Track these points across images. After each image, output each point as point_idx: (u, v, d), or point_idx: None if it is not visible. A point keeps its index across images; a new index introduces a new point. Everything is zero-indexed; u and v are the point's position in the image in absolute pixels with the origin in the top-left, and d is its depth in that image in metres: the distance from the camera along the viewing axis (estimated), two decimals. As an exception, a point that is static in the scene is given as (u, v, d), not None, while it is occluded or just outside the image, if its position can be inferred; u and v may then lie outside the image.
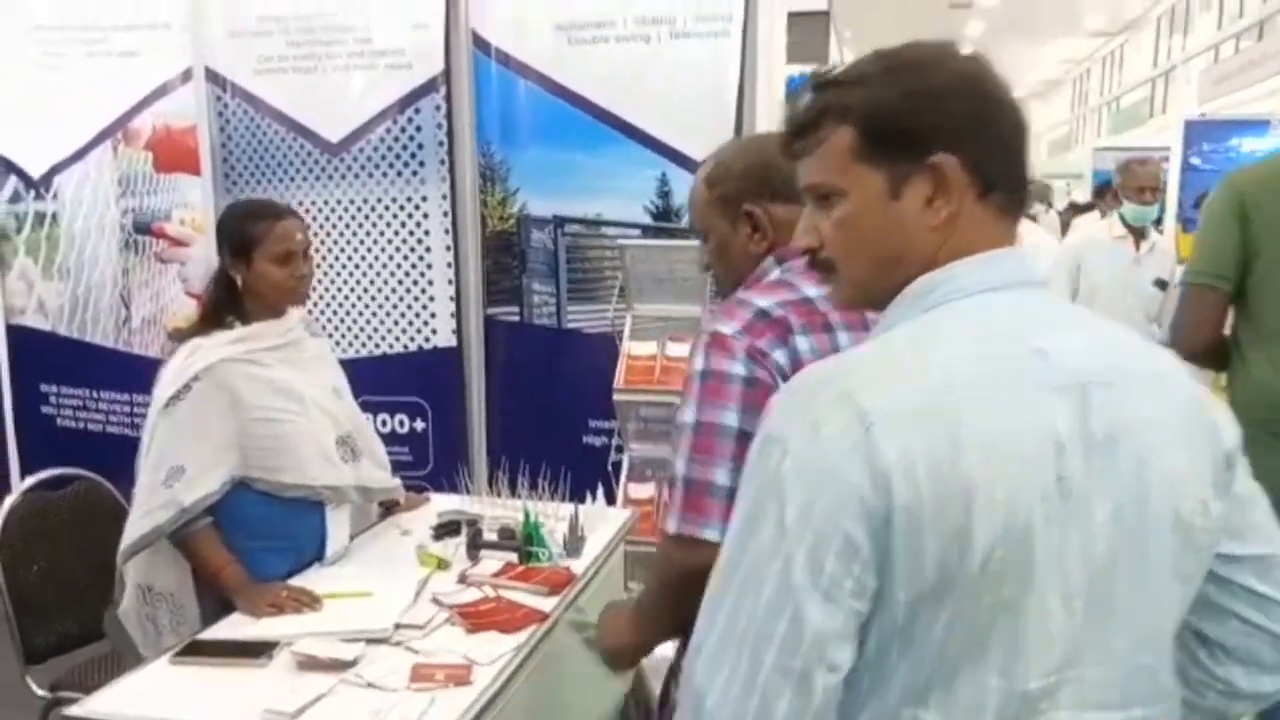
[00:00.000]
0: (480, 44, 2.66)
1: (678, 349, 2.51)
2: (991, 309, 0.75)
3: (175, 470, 1.54)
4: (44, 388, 3.08)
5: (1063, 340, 0.74)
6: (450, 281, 2.78)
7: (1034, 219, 5.99)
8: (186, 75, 2.81)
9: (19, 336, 3.06)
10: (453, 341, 2.79)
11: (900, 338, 0.76)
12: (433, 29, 2.65)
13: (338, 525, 1.66)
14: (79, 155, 2.93)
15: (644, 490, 2.56)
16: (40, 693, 1.84)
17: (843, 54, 9.19)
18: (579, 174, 2.69)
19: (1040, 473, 0.70)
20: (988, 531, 0.67)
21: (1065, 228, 6.34)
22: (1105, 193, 5.45)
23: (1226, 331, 1.91)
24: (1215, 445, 0.78)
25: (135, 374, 2.82)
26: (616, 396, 2.46)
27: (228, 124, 2.82)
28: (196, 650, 1.40)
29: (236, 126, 2.82)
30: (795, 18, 3.26)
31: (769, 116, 2.60)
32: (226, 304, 1.63)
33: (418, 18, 2.66)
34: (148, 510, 1.55)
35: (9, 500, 1.90)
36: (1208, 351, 1.89)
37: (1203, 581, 0.80)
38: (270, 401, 1.58)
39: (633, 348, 2.54)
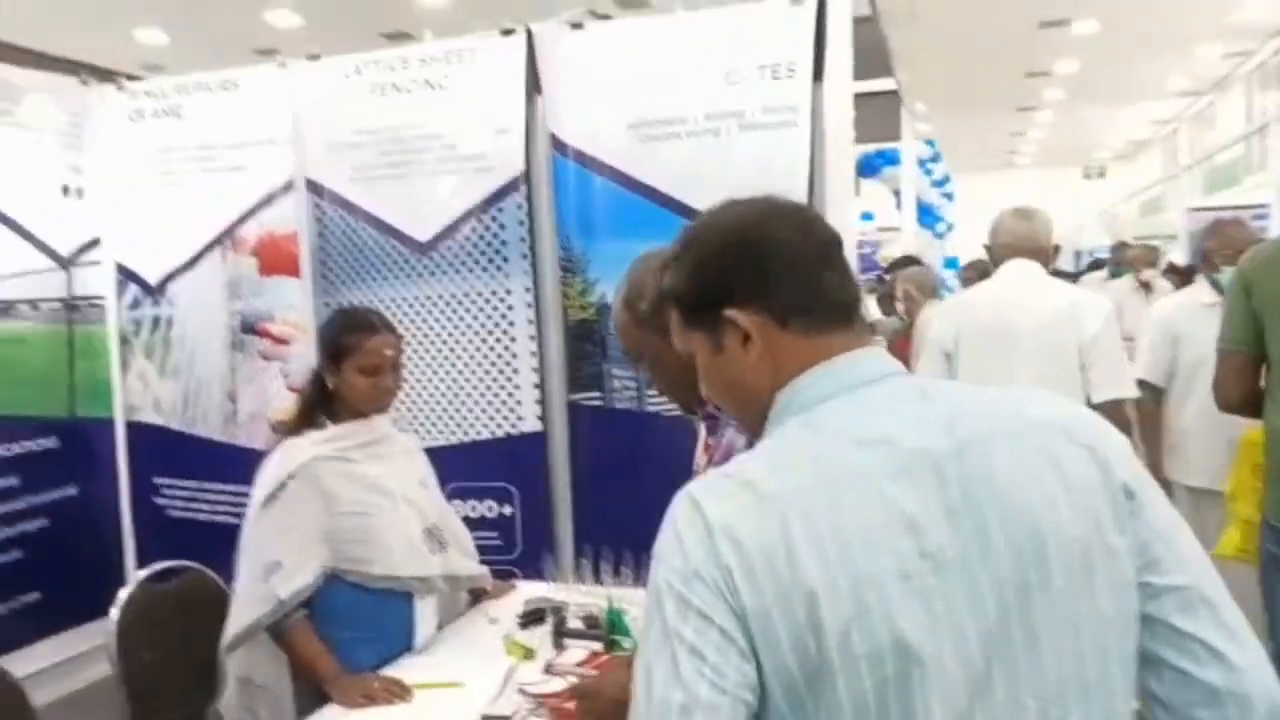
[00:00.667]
0: (558, 145, 2.79)
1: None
2: (828, 415, 0.84)
3: (272, 565, 1.62)
4: (156, 480, 3.26)
5: (908, 425, 0.81)
6: (535, 369, 2.87)
7: (1148, 285, 5.87)
8: (288, 186, 3.01)
9: (136, 433, 3.26)
10: (538, 427, 2.87)
11: (754, 452, 0.85)
12: (513, 133, 2.80)
13: (426, 615, 1.72)
14: (192, 263, 3.15)
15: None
16: (152, 780, 1.92)
17: (916, 129, 9.25)
18: (655, 263, 2.77)
19: (891, 555, 0.76)
20: (837, 620, 0.74)
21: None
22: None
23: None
24: (1108, 481, 0.81)
25: (241, 465, 2.95)
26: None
27: (325, 229, 3.01)
28: (294, 740, 1.46)
29: (333, 231, 3.00)
30: (865, 98, 3.33)
31: (839, 199, 2.65)
32: (319, 404, 1.73)
33: (499, 124, 2.81)
34: (247, 604, 1.64)
35: (124, 592, 2.01)
36: (1242, 404, 2.29)
37: (1139, 626, 0.82)
38: (359, 496, 1.66)
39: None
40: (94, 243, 3.20)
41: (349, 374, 1.70)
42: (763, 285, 0.87)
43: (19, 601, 2.93)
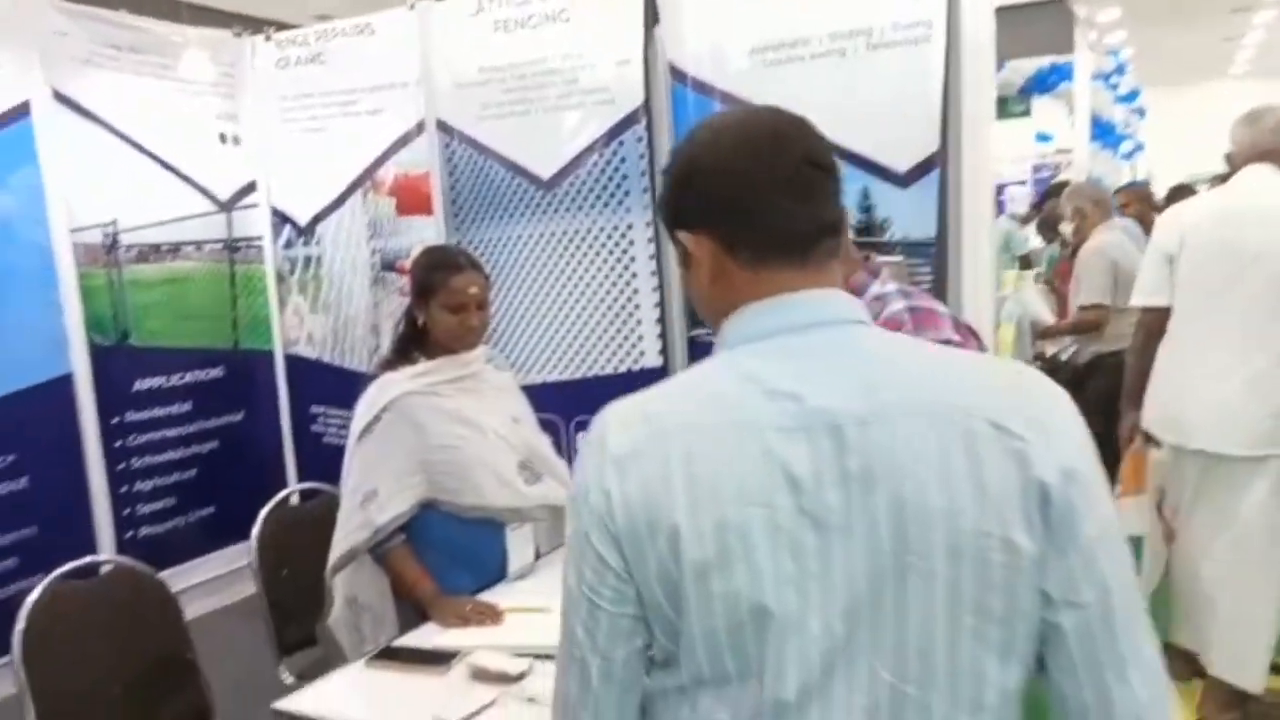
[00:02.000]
0: (677, 74, 2.73)
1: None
2: (750, 357, 0.83)
3: (370, 494, 1.71)
4: (314, 409, 3.49)
5: (826, 382, 0.80)
6: (656, 305, 2.86)
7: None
8: (420, 127, 3.09)
9: (293, 364, 3.49)
10: (659, 362, 2.87)
11: (671, 381, 0.87)
12: (633, 64, 2.75)
13: (519, 544, 1.77)
14: (337, 204, 3.30)
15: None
16: (289, 680, 2.08)
17: (1102, 40, 8.45)
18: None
19: (764, 508, 0.78)
20: (696, 558, 0.78)
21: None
22: None
23: None
24: (1025, 478, 0.76)
25: None
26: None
27: (455, 168, 3.08)
28: (389, 656, 1.55)
29: (462, 170, 3.07)
30: (1035, 8, 3.06)
31: (978, 121, 2.46)
32: (412, 340, 1.79)
33: (619, 55, 2.77)
34: (347, 531, 1.74)
35: (263, 512, 2.17)
36: None
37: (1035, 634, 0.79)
38: (449, 429, 1.71)
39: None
40: (250, 187, 3.41)
41: (436, 311, 1.74)
42: (708, 212, 0.86)
43: (195, 515, 3.24)
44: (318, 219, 3.36)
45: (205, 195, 3.26)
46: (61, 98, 2.82)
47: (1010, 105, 7.01)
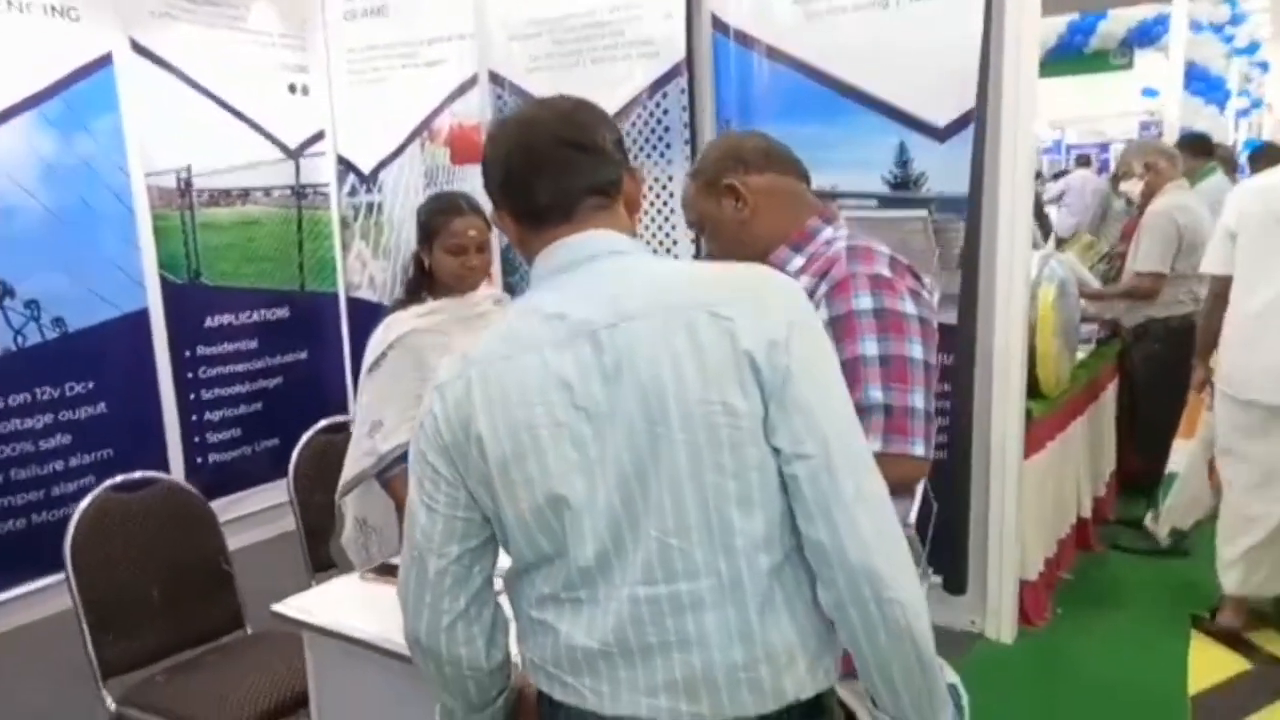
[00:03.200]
0: (720, 26, 2.73)
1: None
2: (535, 294, 1.04)
3: (376, 424, 1.82)
4: (374, 351, 3.65)
5: (584, 301, 0.99)
6: (694, 256, 2.89)
7: None
8: (473, 79, 3.18)
9: (355, 307, 3.65)
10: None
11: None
12: (676, 17, 2.76)
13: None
14: (396, 153, 3.42)
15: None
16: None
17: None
18: (816, 146, 2.59)
19: (545, 407, 0.96)
20: (497, 456, 0.97)
21: None
22: None
23: None
24: (735, 351, 0.94)
25: None
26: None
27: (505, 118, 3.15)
28: (386, 570, 1.66)
29: (512, 120, 3.14)
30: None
31: (1018, 76, 2.41)
32: (419, 282, 1.88)
33: (664, 7, 2.79)
34: (355, 457, 1.85)
35: (303, 439, 2.32)
36: None
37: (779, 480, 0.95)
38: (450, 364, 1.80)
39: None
40: (318, 136, 3.55)
41: (438, 253, 1.82)
42: (495, 194, 1.07)
43: (260, 446, 3.45)
44: (380, 167, 3.49)
45: (274, 143, 3.42)
46: (140, 48, 3.00)
47: (1111, 58, 6.66)
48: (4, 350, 2.70)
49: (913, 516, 2.51)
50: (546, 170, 1.04)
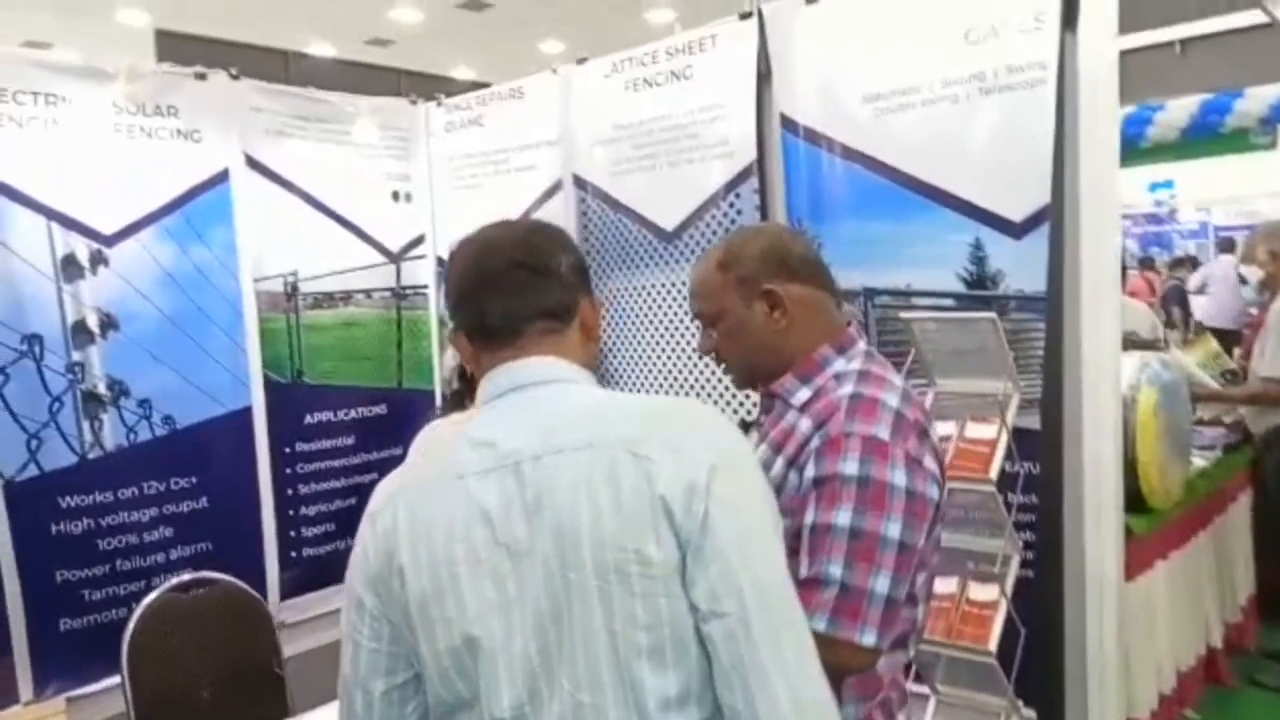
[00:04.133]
0: (789, 125, 2.72)
1: (979, 430, 2.29)
2: (475, 418, 1.03)
3: None
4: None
5: (514, 431, 0.97)
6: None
7: None
8: (559, 183, 3.28)
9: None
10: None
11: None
12: (747, 118, 2.78)
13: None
14: (489, 255, 3.55)
15: (943, 584, 2.35)
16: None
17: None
18: (889, 243, 2.60)
19: (465, 543, 0.93)
20: (418, 592, 0.94)
21: None
22: None
23: None
24: (651, 494, 0.89)
25: None
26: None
27: (588, 221, 3.22)
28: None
29: (594, 222, 3.21)
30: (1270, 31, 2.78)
31: (1096, 168, 2.28)
32: (462, 390, 1.91)
33: (735, 109, 2.81)
34: None
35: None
36: None
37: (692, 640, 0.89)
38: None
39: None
40: (419, 239, 3.73)
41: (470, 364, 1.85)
42: (452, 313, 1.12)
43: (354, 540, 3.54)
44: (474, 269, 3.62)
45: (377, 248, 3.61)
46: (254, 163, 3.24)
47: (1252, 136, 6.26)
48: (116, 446, 2.91)
49: (993, 643, 2.33)
50: (497, 291, 1.06)
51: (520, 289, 1.06)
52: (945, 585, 2.34)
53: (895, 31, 2.53)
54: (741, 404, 2.88)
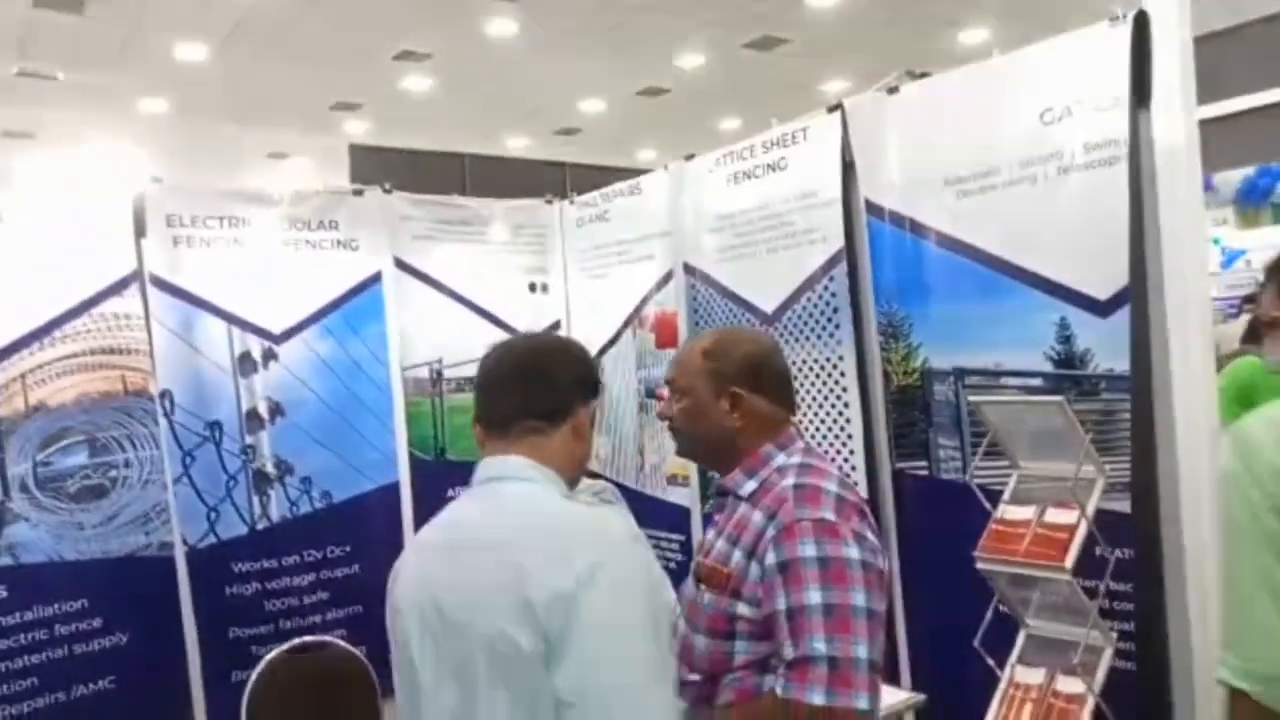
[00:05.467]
0: (874, 210, 2.79)
1: (1060, 515, 2.23)
2: (458, 499, 1.29)
3: None
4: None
5: (463, 518, 1.21)
6: (864, 437, 2.87)
7: None
8: (672, 271, 3.46)
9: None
10: (865, 495, 2.85)
11: None
12: (835, 205, 2.87)
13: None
14: (614, 339, 3.78)
15: (1031, 674, 2.28)
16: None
17: None
18: (976, 324, 2.60)
19: (415, 606, 1.16)
20: (395, 635, 1.19)
21: None
22: None
23: None
24: (519, 594, 1.09)
25: (646, 512, 3.48)
26: (979, 564, 2.28)
27: (697, 305, 3.38)
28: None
29: (703, 306, 3.36)
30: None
31: (1181, 243, 2.20)
32: None
33: (824, 196, 2.91)
34: None
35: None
36: None
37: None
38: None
39: (1008, 511, 2.33)
40: (555, 325, 4.01)
41: None
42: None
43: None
44: (602, 351, 3.86)
45: (515, 335, 3.92)
46: (403, 265, 3.64)
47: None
48: (280, 518, 3.31)
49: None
50: (498, 390, 1.33)
51: (515, 392, 1.30)
52: (1032, 676, 2.28)
53: (973, 115, 2.57)
54: (854, 485, 2.91)
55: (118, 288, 3.11)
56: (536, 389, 1.28)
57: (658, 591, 1.14)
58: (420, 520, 3.62)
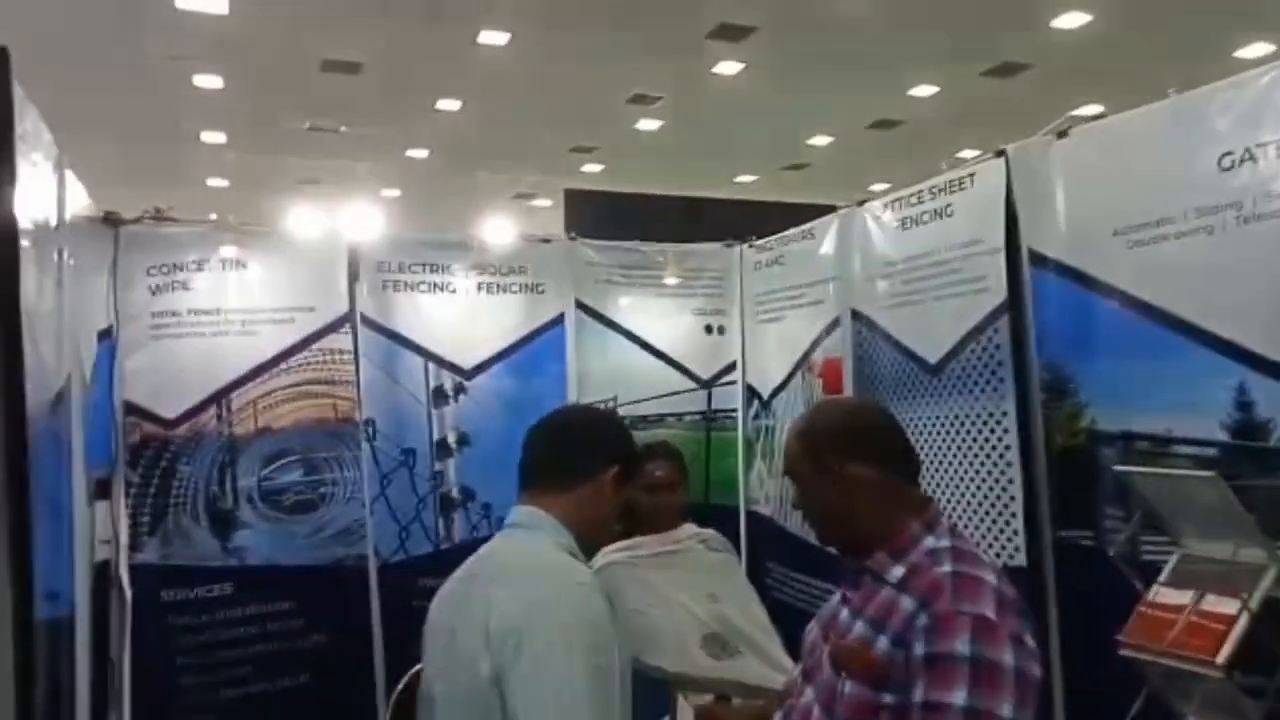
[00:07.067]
0: (1038, 260, 2.64)
1: (1220, 604, 2.01)
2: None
3: None
4: (768, 563, 3.92)
5: (482, 554, 1.47)
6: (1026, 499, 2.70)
7: None
8: (840, 317, 3.43)
9: (753, 520, 3.99)
10: (1024, 562, 2.68)
11: None
12: (1000, 254, 2.74)
13: (687, 714, 1.98)
14: (785, 383, 3.77)
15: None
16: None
17: None
18: (1145, 384, 2.39)
19: (432, 627, 1.48)
20: (425, 644, 1.52)
21: None
22: None
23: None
24: (484, 621, 1.29)
25: (811, 559, 3.45)
26: (1122, 650, 2.09)
27: (863, 353, 3.32)
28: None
29: (868, 354, 3.30)
30: None
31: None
32: (629, 519, 2.17)
33: (990, 245, 2.78)
34: None
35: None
36: None
37: None
38: (641, 596, 2.03)
39: (1162, 593, 2.12)
40: (730, 367, 4.07)
41: (632, 490, 2.09)
42: None
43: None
44: (774, 395, 3.87)
45: (690, 376, 4.02)
46: (584, 307, 3.85)
47: None
48: (462, 539, 3.58)
49: None
50: (537, 448, 1.56)
51: (546, 451, 1.52)
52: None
53: (1145, 161, 2.39)
54: (1017, 550, 2.75)
55: (335, 326, 3.53)
56: (562, 451, 1.45)
57: (604, 649, 1.21)
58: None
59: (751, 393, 4.02)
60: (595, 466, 1.41)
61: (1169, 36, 8.72)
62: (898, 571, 1.42)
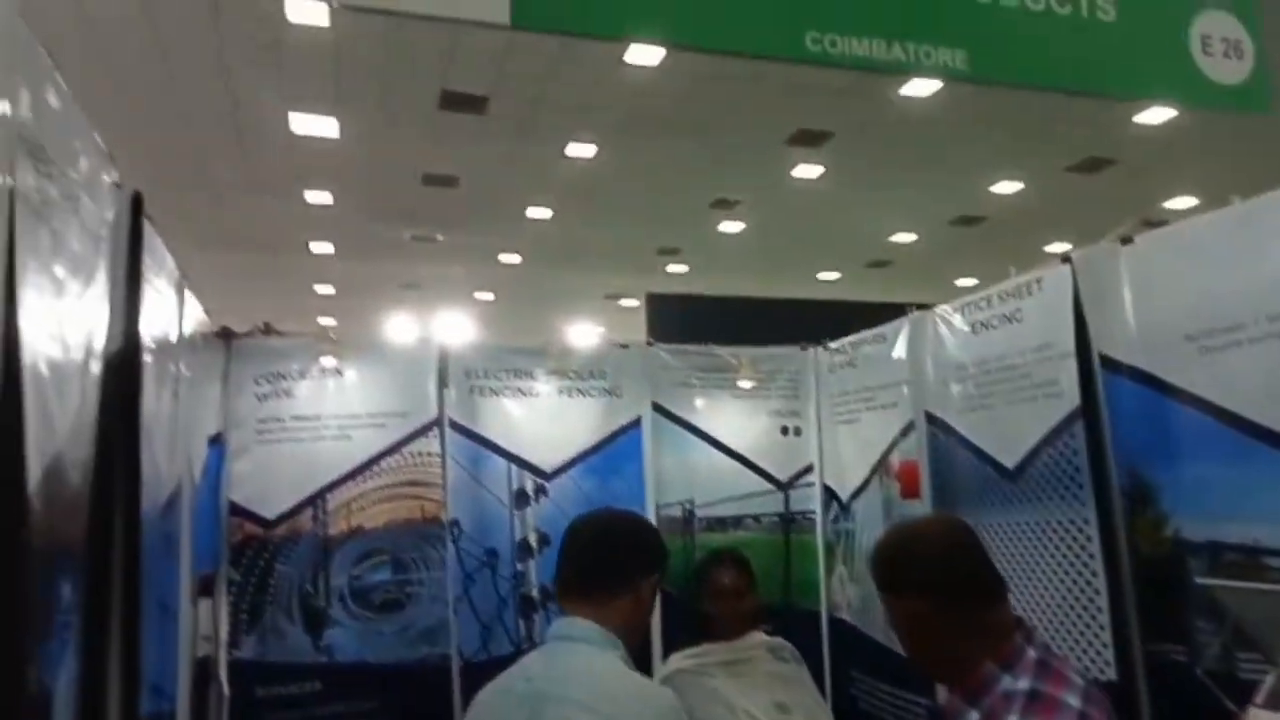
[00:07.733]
0: (1110, 364, 2.63)
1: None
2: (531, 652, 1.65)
3: None
4: (852, 672, 3.85)
5: (529, 671, 1.52)
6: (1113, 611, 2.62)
7: None
8: (914, 420, 3.43)
9: (835, 626, 3.93)
10: (1115, 676, 2.59)
11: None
12: (1070, 359, 2.74)
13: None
14: (864, 486, 3.76)
15: None
16: None
17: None
18: (1229, 492, 2.34)
19: None
20: None
21: None
22: None
23: None
24: None
25: (888, 669, 3.38)
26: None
27: (938, 455, 3.31)
28: None
29: (943, 457, 3.28)
30: None
31: None
32: (700, 626, 2.20)
33: (1061, 349, 2.79)
34: None
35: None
36: None
37: None
38: (709, 706, 2.05)
39: (1258, 716, 2.03)
40: (807, 469, 4.08)
41: (705, 601, 2.12)
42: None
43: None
44: (854, 497, 3.86)
45: (767, 478, 4.05)
46: (660, 409, 3.94)
47: None
48: (539, 640, 3.63)
49: None
50: (577, 559, 1.62)
51: (587, 562, 1.53)
52: None
53: (1213, 266, 2.39)
54: (1107, 664, 2.67)
55: (424, 430, 3.69)
56: (605, 561, 1.49)
57: None
58: (667, 652, 3.79)
59: (830, 495, 4.02)
60: (636, 577, 1.49)
61: (1259, 126, 8.58)
62: (973, 717, 1.38)
